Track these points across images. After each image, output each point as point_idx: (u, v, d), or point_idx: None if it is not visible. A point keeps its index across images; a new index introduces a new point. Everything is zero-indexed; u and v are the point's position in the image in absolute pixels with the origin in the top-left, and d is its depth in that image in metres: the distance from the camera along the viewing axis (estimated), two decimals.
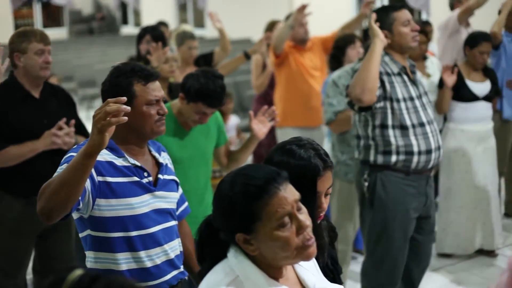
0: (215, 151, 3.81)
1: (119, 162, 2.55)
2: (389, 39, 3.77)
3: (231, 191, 1.72)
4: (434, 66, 5.63)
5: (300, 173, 1.95)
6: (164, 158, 2.77)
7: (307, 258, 1.73)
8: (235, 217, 1.71)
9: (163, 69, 4.63)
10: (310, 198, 1.96)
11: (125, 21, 21.27)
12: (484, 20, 6.62)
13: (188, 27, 6.64)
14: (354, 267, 5.03)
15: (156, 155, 2.73)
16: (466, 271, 5.11)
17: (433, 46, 6.83)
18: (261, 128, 3.66)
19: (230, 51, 5.86)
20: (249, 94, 9.61)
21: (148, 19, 16.14)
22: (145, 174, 2.61)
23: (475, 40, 5.21)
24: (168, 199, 2.69)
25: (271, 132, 5.90)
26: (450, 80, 5.07)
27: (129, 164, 2.58)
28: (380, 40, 3.66)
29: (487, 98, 5.23)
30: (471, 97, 5.18)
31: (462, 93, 5.18)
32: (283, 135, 5.82)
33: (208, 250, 1.82)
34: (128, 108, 2.09)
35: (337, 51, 4.98)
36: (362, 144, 3.90)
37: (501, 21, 5.75)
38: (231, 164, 3.86)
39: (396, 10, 3.82)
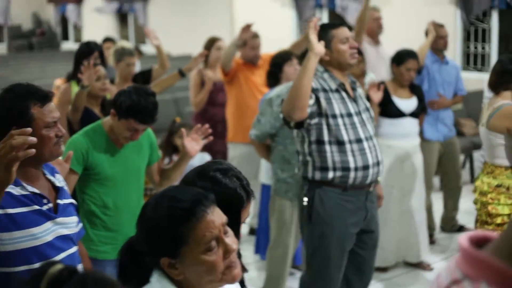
0: (148, 168, 3.81)
1: (16, 191, 2.46)
2: (328, 56, 3.82)
3: (156, 214, 1.67)
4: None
5: (225, 202, 1.88)
6: (60, 181, 2.70)
7: (232, 281, 1.71)
8: (160, 241, 1.66)
9: (95, 86, 4.65)
10: (233, 228, 1.90)
11: (65, 36, 21.09)
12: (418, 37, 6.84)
13: (127, 44, 6.66)
14: (292, 283, 5.10)
15: (52, 178, 2.64)
16: (401, 286, 5.24)
17: None
18: (193, 145, 3.64)
19: (169, 68, 5.90)
20: (188, 110, 9.65)
21: (89, 35, 16.06)
22: (45, 201, 2.53)
23: (401, 57, 5.35)
24: (69, 225, 2.63)
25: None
26: (377, 96, 5.18)
27: (28, 192, 2.49)
28: (314, 54, 3.63)
29: (413, 114, 5.37)
30: (398, 114, 5.31)
31: (389, 110, 5.31)
32: (234, 150, 5.97)
33: (130, 274, 1.77)
34: (35, 139, 2.02)
35: (274, 68, 5.02)
36: (300, 160, 3.93)
37: (425, 48, 5.94)
38: (163, 182, 3.84)
39: (335, 27, 3.87)
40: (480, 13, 9.14)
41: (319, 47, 3.65)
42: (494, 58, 9.14)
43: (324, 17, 11.34)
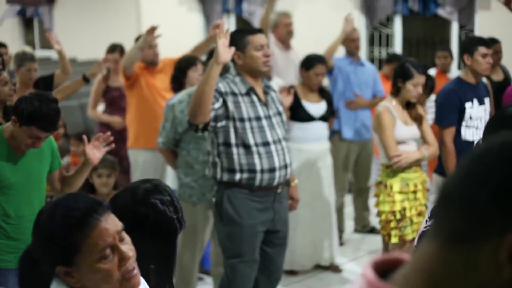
0: (49, 176, 3.72)
1: None
2: (242, 60, 3.89)
3: (50, 222, 1.68)
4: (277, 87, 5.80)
5: (164, 230, 1.99)
6: None
7: None
8: (55, 249, 1.66)
9: (2, 92, 4.49)
10: (170, 252, 2.01)
11: None
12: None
13: (29, 49, 6.47)
14: None
15: None
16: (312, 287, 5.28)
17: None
18: (95, 153, 3.64)
19: (71, 73, 5.76)
20: None
21: None
22: None
23: (310, 62, 5.40)
24: None
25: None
26: (287, 100, 5.18)
27: None
28: (217, 63, 3.68)
29: (323, 118, 5.43)
30: (308, 118, 5.37)
31: (299, 114, 5.35)
32: (136, 157, 5.85)
33: (29, 282, 1.77)
34: None
35: (178, 72, 5.01)
36: (210, 161, 4.02)
37: (333, 47, 6.04)
38: (65, 188, 3.78)
39: (252, 33, 3.94)
40: (383, 18, 9.35)
41: (224, 56, 3.69)
42: None
43: (231, 22, 11.34)
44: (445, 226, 0.97)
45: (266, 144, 3.93)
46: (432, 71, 6.89)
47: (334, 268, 5.57)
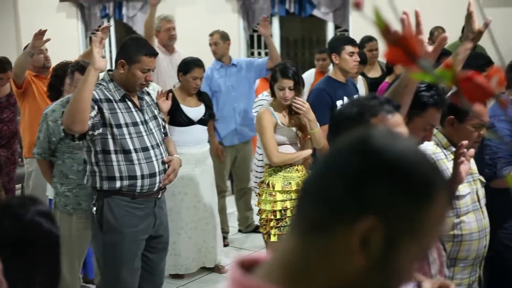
0: None
1: None
2: (124, 71, 3.88)
3: None
4: (155, 92, 5.79)
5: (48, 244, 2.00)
6: None
7: None
8: None
9: None
10: (51, 264, 2.03)
11: None
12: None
13: None
14: None
15: None
16: None
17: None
18: None
19: None
20: None
21: None
22: None
23: (187, 66, 5.43)
24: None
25: None
26: (165, 105, 5.22)
27: None
28: (94, 69, 3.67)
29: (202, 121, 5.47)
30: (187, 122, 5.39)
31: (178, 118, 5.37)
32: (30, 166, 5.68)
33: None
34: None
35: (55, 80, 4.93)
36: (88, 170, 3.94)
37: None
38: None
39: (146, 55, 3.91)
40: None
41: (100, 63, 3.68)
42: None
43: (111, 27, 11.20)
44: (304, 217, 1.04)
45: (145, 149, 3.92)
46: (312, 72, 7.07)
47: (219, 269, 5.62)
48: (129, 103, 3.94)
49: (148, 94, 4.20)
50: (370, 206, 0.98)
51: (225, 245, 6.10)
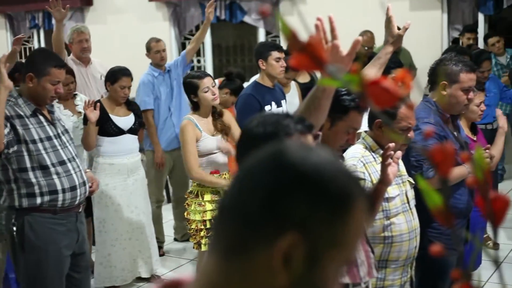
0: None
1: None
2: (33, 85, 3.79)
3: None
4: (83, 103, 5.70)
5: None
6: None
7: None
8: None
9: None
10: None
11: None
12: None
13: None
14: None
15: None
16: None
17: None
18: None
19: None
20: None
21: None
22: None
23: (114, 75, 5.35)
24: None
25: None
26: (94, 115, 5.13)
27: None
28: (4, 87, 3.62)
29: (132, 131, 5.41)
30: (117, 131, 5.32)
31: (108, 128, 5.29)
32: None
33: None
34: None
35: None
36: (5, 189, 3.83)
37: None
38: None
39: (55, 67, 3.84)
40: (193, 28, 9.50)
41: (9, 81, 3.65)
42: (209, 69, 9.55)
43: (41, 37, 11.02)
44: (222, 237, 1.02)
45: (62, 163, 3.85)
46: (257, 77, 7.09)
47: (155, 279, 5.57)
48: (41, 117, 3.87)
49: (58, 107, 4.12)
50: (289, 221, 0.97)
51: (161, 255, 6.05)
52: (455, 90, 3.69)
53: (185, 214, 4.58)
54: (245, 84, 5.14)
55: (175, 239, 6.59)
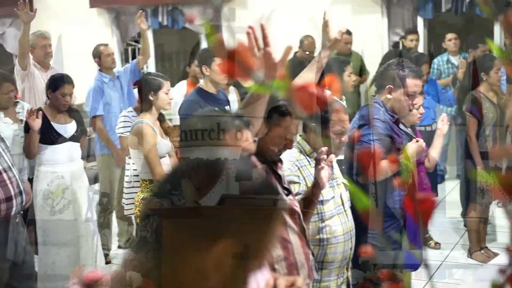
0: None
1: None
2: None
3: None
4: (24, 111, 5.63)
5: None
6: None
7: None
8: None
9: None
10: None
11: None
12: None
13: None
14: None
15: None
16: None
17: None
18: None
19: None
20: None
21: None
22: None
23: (56, 82, 5.29)
24: None
25: None
26: (36, 124, 5.06)
27: None
28: None
29: (74, 138, 5.35)
30: (59, 139, 5.26)
31: (50, 136, 5.23)
32: None
33: None
34: None
35: None
36: None
37: None
38: None
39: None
40: (136, 34, 9.49)
41: None
42: None
43: None
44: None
45: None
46: (183, 83, 7.06)
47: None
48: None
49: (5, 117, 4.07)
50: None
51: (107, 263, 5.99)
52: (400, 94, 3.74)
53: (138, 220, 4.51)
54: (172, 90, 5.10)
55: (119, 246, 6.53)
